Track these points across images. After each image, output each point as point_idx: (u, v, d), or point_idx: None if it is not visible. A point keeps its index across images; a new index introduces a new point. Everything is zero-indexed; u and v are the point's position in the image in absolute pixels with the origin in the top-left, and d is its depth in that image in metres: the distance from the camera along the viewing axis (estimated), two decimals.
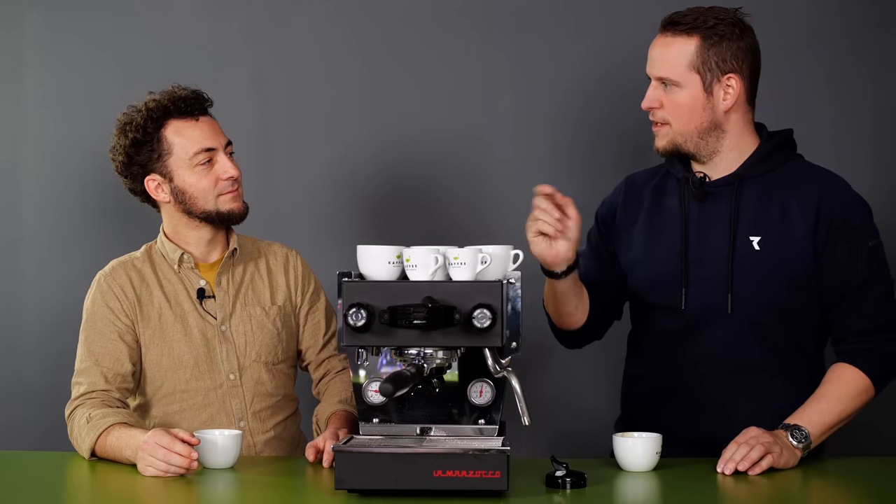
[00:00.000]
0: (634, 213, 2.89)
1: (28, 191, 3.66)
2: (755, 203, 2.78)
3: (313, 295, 3.03)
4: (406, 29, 3.64)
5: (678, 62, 2.75)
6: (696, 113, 2.76)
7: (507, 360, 2.44)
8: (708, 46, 2.74)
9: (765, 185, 2.79)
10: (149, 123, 2.88)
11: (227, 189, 2.91)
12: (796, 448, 2.62)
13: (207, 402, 2.91)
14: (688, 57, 2.74)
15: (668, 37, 2.77)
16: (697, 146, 2.79)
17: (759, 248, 2.75)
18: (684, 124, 2.77)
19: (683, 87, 2.75)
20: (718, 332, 2.77)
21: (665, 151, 2.82)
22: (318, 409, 2.96)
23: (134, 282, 2.92)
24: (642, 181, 2.93)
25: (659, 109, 2.79)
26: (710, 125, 2.77)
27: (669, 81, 2.76)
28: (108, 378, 2.84)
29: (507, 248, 2.46)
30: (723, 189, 2.80)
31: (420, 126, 3.64)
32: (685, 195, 2.82)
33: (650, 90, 2.80)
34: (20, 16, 3.64)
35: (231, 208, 2.92)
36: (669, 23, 2.77)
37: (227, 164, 2.91)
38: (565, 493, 2.41)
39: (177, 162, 2.89)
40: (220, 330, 2.92)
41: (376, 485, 2.34)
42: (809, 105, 3.59)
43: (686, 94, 2.75)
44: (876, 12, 3.58)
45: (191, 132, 2.90)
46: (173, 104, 2.90)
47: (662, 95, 2.78)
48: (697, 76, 2.74)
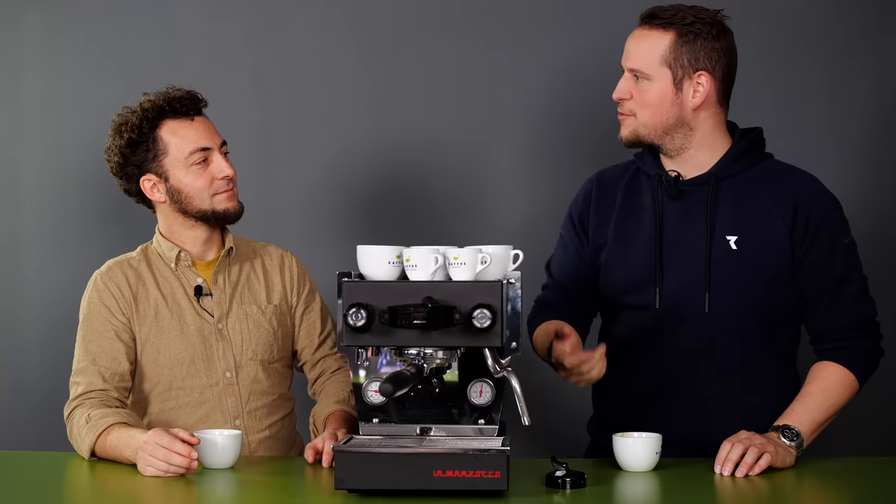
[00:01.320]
0: (607, 210, 2.88)
1: (28, 191, 3.66)
2: (731, 202, 2.77)
3: (308, 295, 3.04)
4: (405, 30, 3.64)
5: (650, 55, 2.75)
6: (663, 107, 2.76)
7: (507, 360, 2.44)
8: (682, 43, 2.74)
9: (739, 184, 2.79)
10: (144, 123, 2.89)
11: (222, 188, 2.91)
12: (790, 447, 2.63)
13: (203, 400, 2.91)
14: (660, 51, 2.74)
15: (645, 30, 2.77)
16: (662, 140, 2.78)
17: (737, 248, 2.75)
18: (650, 117, 2.77)
19: (653, 80, 2.75)
20: (694, 332, 2.76)
21: (628, 141, 2.82)
22: (315, 409, 2.96)
23: (130, 280, 2.92)
24: (613, 177, 2.92)
25: (628, 101, 2.79)
26: (677, 121, 2.77)
27: (640, 74, 2.76)
28: (106, 377, 2.84)
29: (507, 248, 2.46)
30: (698, 188, 2.79)
31: (420, 126, 3.64)
32: (658, 193, 2.81)
33: (622, 81, 2.79)
34: (20, 16, 3.64)
35: (226, 207, 2.93)
36: (648, 16, 2.78)
37: (223, 163, 2.92)
38: (565, 493, 2.41)
39: (172, 161, 2.90)
40: (217, 328, 2.93)
41: (376, 485, 2.34)
42: (807, 106, 3.59)
43: (655, 87, 2.75)
44: (874, 15, 3.58)
45: (186, 132, 2.91)
46: (168, 104, 2.91)
47: (633, 87, 2.77)
48: (668, 71, 2.74)
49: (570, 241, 2.94)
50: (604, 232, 2.87)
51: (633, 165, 2.90)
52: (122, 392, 2.87)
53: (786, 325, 2.82)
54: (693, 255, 2.77)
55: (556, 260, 2.96)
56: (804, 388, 2.74)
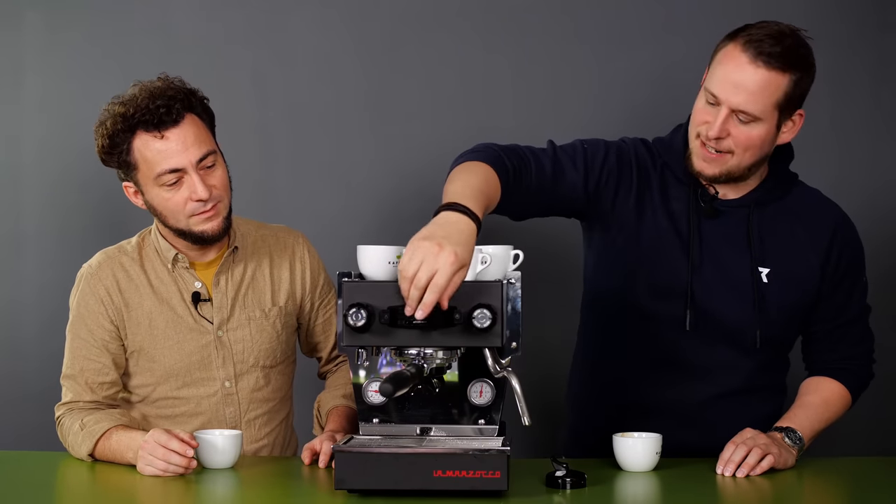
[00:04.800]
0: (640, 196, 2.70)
1: (28, 191, 3.66)
2: (765, 231, 2.69)
3: (324, 288, 2.92)
4: (405, 30, 3.64)
5: (768, 99, 2.54)
6: (764, 148, 2.60)
7: (507, 360, 2.44)
8: (796, 84, 2.55)
9: (774, 211, 2.70)
10: (117, 133, 2.68)
11: (198, 210, 2.70)
12: (792, 448, 2.63)
13: (199, 411, 2.83)
14: (778, 95, 2.54)
15: (762, 69, 2.52)
16: (745, 175, 2.64)
17: (767, 281, 2.69)
18: (749, 158, 2.60)
19: (762, 122, 2.56)
20: (714, 354, 2.72)
21: (713, 179, 2.63)
22: (321, 397, 2.90)
23: (121, 283, 2.79)
24: (648, 165, 2.73)
25: (726, 139, 2.58)
26: (764, 158, 2.64)
27: (749, 116, 2.55)
28: (94, 388, 2.78)
29: (507, 249, 2.46)
30: (736, 210, 2.69)
31: (420, 125, 3.64)
32: (693, 205, 2.69)
33: (723, 119, 2.55)
34: (20, 16, 3.64)
35: (203, 230, 2.72)
36: (767, 54, 2.52)
37: (198, 184, 2.67)
38: (565, 493, 2.41)
39: (143, 177, 2.70)
40: (217, 335, 2.82)
41: (376, 485, 2.34)
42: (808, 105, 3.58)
43: (762, 129, 2.57)
44: (872, 13, 3.58)
45: (156, 149, 2.66)
46: (141, 113, 2.66)
47: (732, 126, 2.57)
48: (777, 113, 2.57)
49: (581, 165, 2.69)
50: (625, 209, 2.70)
51: (660, 160, 2.73)
52: (111, 398, 2.80)
53: (790, 348, 2.82)
54: (733, 282, 2.67)
55: (561, 150, 2.71)
56: (803, 398, 2.73)
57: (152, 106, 2.67)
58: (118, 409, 2.80)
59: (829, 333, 2.76)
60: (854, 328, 2.77)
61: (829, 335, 2.76)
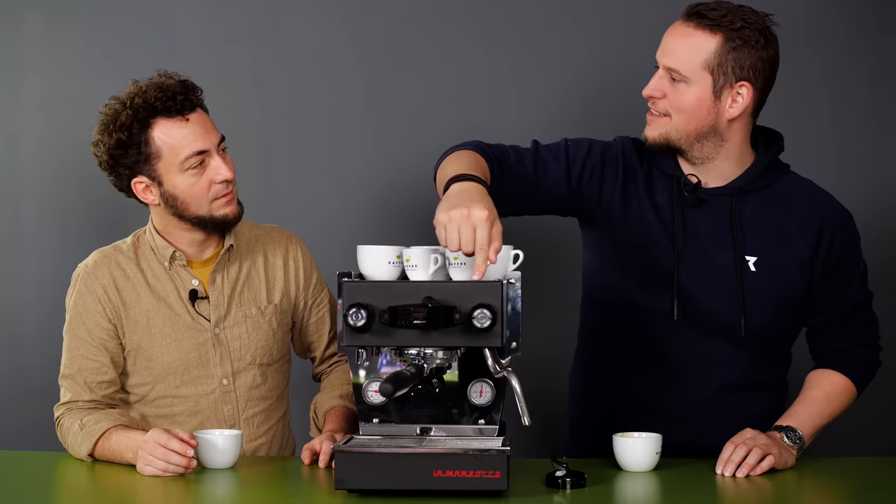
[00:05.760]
0: (625, 190, 2.73)
1: (28, 190, 3.66)
2: (751, 219, 2.69)
3: (316, 287, 2.94)
4: (404, 29, 3.64)
5: (693, 57, 2.59)
6: (699, 114, 2.63)
7: (507, 360, 2.44)
8: (729, 49, 2.58)
9: (761, 200, 2.70)
10: (135, 124, 2.69)
11: (221, 193, 2.74)
12: (791, 448, 2.63)
13: (198, 409, 2.84)
14: (705, 55, 2.59)
15: (690, 28, 2.61)
16: (691, 147, 2.66)
17: (755, 270, 2.69)
18: (684, 122, 2.63)
19: (692, 84, 2.61)
20: (703, 349, 2.72)
21: (654, 143, 2.67)
22: (318, 399, 2.90)
23: (118, 282, 2.79)
24: (634, 162, 2.75)
25: (661, 100, 2.64)
26: (710, 130, 2.64)
27: (678, 75, 2.61)
28: (92, 388, 2.78)
29: (507, 249, 2.46)
30: (719, 199, 2.70)
31: (419, 125, 3.64)
32: (676, 196, 2.71)
33: (655, 78, 2.64)
34: (20, 16, 3.64)
35: (225, 213, 2.76)
36: (694, 13, 2.60)
37: (221, 165, 2.73)
38: (565, 493, 2.41)
39: (166, 166, 2.71)
40: (214, 333, 2.83)
41: (376, 485, 2.34)
42: (807, 104, 3.59)
43: (693, 92, 2.61)
44: (872, 14, 3.59)
45: (181, 133, 2.70)
46: (161, 101, 2.69)
47: (667, 87, 2.63)
48: (710, 77, 2.60)
49: (563, 160, 2.73)
50: (612, 204, 2.73)
51: (647, 156, 2.76)
52: (110, 397, 2.80)
53: (791, 341, 2.81)
54: (718, 271, 2.68)
55: (545, 147, 2.75)
56: (806, 393, 2.73)
57: (170, 94, 2.71)
58: (117, 408, 2.80)
59: (829, 324, 2.75)
60: (855, 316, 2.75)
61: (829, 326, 2.75)
